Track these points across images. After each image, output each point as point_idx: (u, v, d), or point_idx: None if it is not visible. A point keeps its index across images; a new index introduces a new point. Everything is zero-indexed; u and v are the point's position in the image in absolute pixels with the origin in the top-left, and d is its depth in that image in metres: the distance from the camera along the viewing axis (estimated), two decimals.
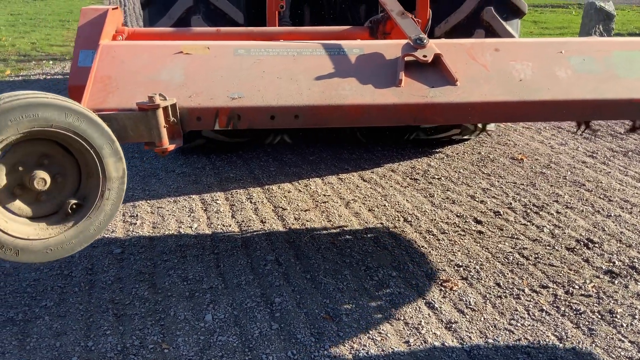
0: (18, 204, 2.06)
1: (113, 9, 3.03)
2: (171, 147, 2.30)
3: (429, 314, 2.98)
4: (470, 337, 2.81)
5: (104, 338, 2.78)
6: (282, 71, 2.53)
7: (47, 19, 15.14)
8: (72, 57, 2.88)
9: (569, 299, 3.11)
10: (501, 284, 3.23)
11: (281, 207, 4.18)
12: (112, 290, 3.16)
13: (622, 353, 2.72)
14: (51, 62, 9.71)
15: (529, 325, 2.90)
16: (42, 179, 2.04)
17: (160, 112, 2.23)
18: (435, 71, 2.57)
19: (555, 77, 2.60)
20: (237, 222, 3.96)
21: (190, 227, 3.88)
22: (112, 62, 2.53)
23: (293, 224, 3.94)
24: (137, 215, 4.05)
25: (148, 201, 4.28)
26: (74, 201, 2.12)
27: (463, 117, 2.61)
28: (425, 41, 2.60)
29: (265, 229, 3.88)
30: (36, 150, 2.06)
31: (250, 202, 4.28)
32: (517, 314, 2.98)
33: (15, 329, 2.85)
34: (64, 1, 19.99)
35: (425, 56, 2.56)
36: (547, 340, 2.80)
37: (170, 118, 2.29)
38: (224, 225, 3.92)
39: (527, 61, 2.66)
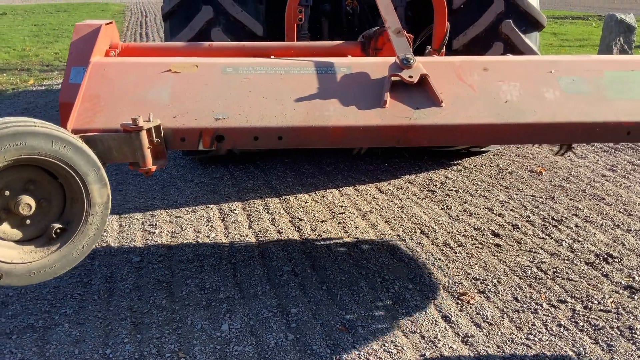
0: (3, 228, 2.09)
1: (106, 24, 3.03)
2: (154, 167, 2.31)
3: (445, 327, 2.97)
4: (487, 352, 2.79)
5: (122, 346, 2.81)
6: (268, 90, 2.52)
7: (69, 29, 15.42)
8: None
9: (587, 314, 3.08)
10: (519, 298, 3.21)
11: (298, 218, 4.20)
12: (130, 298, 3.20)
13: None
14: None
15: (547, 340, 2.87)
16: (27, 204, 2.07)
17: (143, 134, 2.24)
18: (421, 92, 2.54)
19: (543, 99, 2.54)
20: (254, 232, 3.99)
21: (208, 237, 3.92)
22: (101, 80, 2.54)
23: (310, 234, 3.96)
24: (155, 224, 4.09)
25: (167, 210, 4.32)
26: (58, 225, 2.14)
27: (447, 140, 2.55)
28: (411, 61, 2.56)
29: (282, 239, 3.90)
30: (22, 176, 2.08)
31: (268, 212, 4.30)
32: (534, 329, 2.95)
33: (35, 335, 2.89)
34: (86, 13, 20.37)
35: (410, 77, 2.53)
36: (565, 355, 2.77)
37: (154, 139, 2.29)
38: (241, 235, 3.94)
39: (515, 81, 2.61)
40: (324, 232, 3.99)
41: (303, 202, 4.48)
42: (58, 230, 2.15)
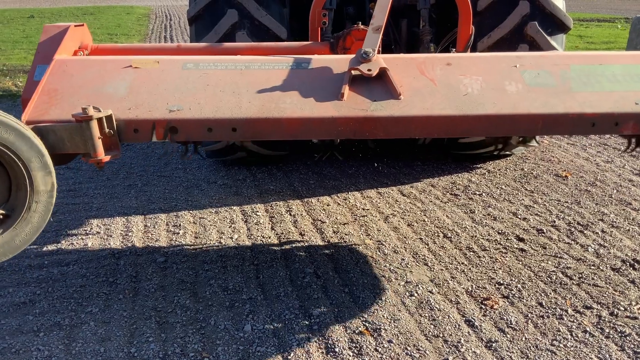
0: None
1: (76, 25, 3.06)
2: (106, 158, 2.32)
3: (468, 332, 2.94)
4: (511, 357, 2.76)
5: (146, 345, 2.84)
6: (226, 85, 2.54)
7: (95, 32, 15.65)
8: None
9: (613, 320, 3.03)
10: (543, 304, 3.17)
11: (320, 220, 4.21)
12: (155, 298, 3.23)
13: None
14: None
15: (572, 346, 2.84)
16: None
17: (94, 124, 2.25)
18: (380, 85, 2.54)
19: (504, 92, 2.52)
20: (277, 234, 4.00)
21: (231, 238, 3.94)
22: (62, 76, 2.57)
23: (332, 237, 3.96)
24: (180, 225, 4.13)
25: (191, 211, 4.37)
26: (1, 212, 2.15)
27: (404, 131, 2.52)
28: (370, 55, 2.57)
29: (304, 241, 3.91)
30: None
31: (290, 214, 4.32)
32: (559, 335, 2.92)
33: (62, 333, 2.94)
34: (112, 16, 20.67)
35: (369, 70, 2.54)
36: None
37: (106, 129, 2.31)
38: (263, 237, 3.96)
39: (477, 75, 2.60)
40: (346, 234, 4.00)
41: (325, 205, 4.48)
42: (1, 217, 2.15)
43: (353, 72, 2.56)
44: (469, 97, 2.50)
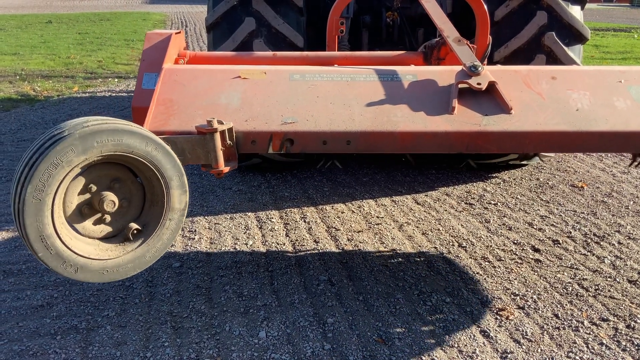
0: (83, 223, 2.14)
1: (176, 33, 3.15)
2: (226, 169, 2.37)
3: (483, 343, 2.93)
4: None
5: (162, 350, 2.86)
6: (335, 96, 2.56)
7: (112, 38, 15.82)
8: (137, 75, 3.00)
9: (630, 333, 3.00)
10: (559, 315, 3.15)
11: (334, 228, 4.21)
12: (170, 303, 3.26)
13: None
14: (116, 79, 10.13)
15: (588, 358, 2.81)
16: (111, 201, 2.13)
17: (217, 136, 2.30)
18: (489, 99, 2.55)
19: (614, 107, 2.54)
20: (291, 241, 4.01)
21: (246, 244, 3.96)
22: (173, 85, 2.63)
23: (346, 244, 3.96)
24: (195, 230, 4.16)
25: (206, 217, 4.39)
26: (135, 226, 2.19)
27: (517, 147, 2.52)
28: (480, 69, 2.58)
29: (319, 248, 3.91)
30: (109, 174, 2.15)
31: (304, 221, 4.33)
32: (575, 347, 2.90)
33: (79, 336, 2.96)
34: (128, 22, 20.87)
35: (479, 84, 2.54)
36: None
37: (227, 141, 2.36)
38: (278, 244, 3.97)
39: (584, 90, 2.61)
40: (360, 242, 4.00)
41: (339, 212, 4.49)
42: (135, 232, 2.19)
43: (461, 85, 2.56)
44: (581, 113, 2.51)
